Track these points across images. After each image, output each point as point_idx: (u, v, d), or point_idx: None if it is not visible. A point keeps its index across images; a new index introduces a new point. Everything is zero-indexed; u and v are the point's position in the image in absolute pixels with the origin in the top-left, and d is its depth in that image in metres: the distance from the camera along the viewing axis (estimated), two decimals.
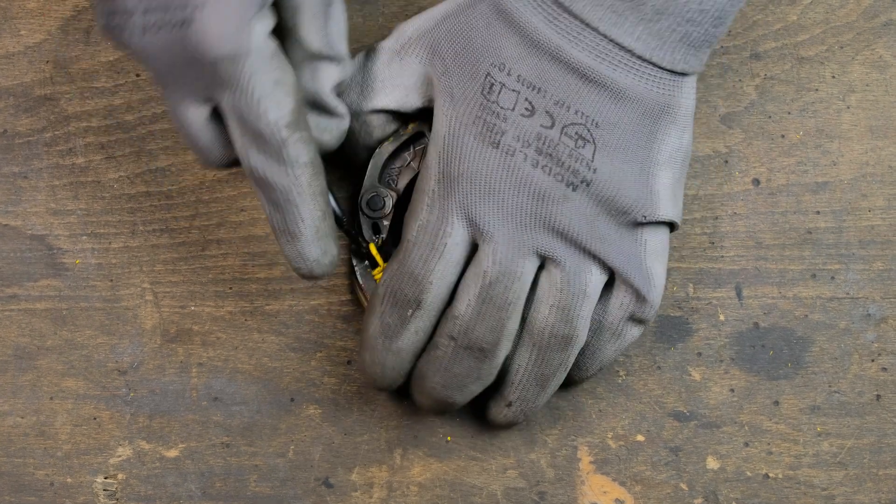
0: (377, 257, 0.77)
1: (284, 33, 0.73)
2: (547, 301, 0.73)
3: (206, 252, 0.81)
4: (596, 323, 0.75)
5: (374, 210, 0.77)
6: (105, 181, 0.81)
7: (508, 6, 0.73)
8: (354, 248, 0.78)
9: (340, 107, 0.74)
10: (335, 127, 0.74)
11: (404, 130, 0.78)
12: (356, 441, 0.80)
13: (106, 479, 0.80)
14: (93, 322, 0.81)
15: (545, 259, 0.73)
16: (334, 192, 0.76)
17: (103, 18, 0.70)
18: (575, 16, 0.72)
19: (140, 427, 0.80)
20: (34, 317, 0.81)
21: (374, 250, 0.77)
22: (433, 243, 0.73)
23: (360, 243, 0.77)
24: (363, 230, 0.78)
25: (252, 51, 0.68)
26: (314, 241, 0.72)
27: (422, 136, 0.78)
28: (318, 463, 0.80)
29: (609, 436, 0.80)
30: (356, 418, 0.80)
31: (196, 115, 0.71)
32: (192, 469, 0.80)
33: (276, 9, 0.71)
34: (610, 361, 0.77)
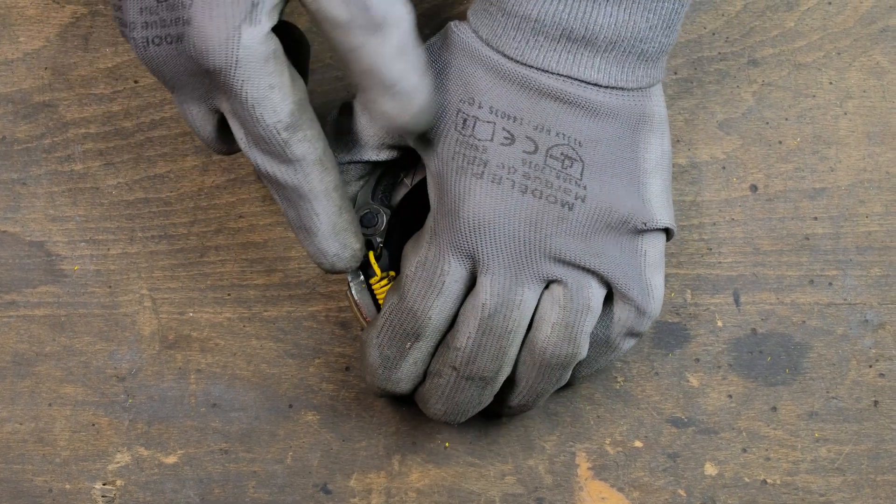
0: (374, 266, 0.77)
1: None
2: (549, 319, 0.73)
3: (205, 258, 0.81)
4: (593, 336, 0.74)
5: (367, 227, 0.77)
6: (103, 188, 0.81)
7: (471, 45, 0.73)
8: None
9: (404, 80, 0.69)
10: (402, 108, 0.70)
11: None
12: (354, 447, 0.80)
13: (104, 485, 0.80)
14: (91, 328, 0.81)
15: (547, 280, 0.73)
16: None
17: (119, 28, 0.71)
18: (530, 66, 0.72)
19: (138, 433, 0.80)
20: (33, 323, 0.81)
21: (371, 259, 0.77)
22: (431, 280, 0.73)
23: None
24: None
25: (240, 60, 0.68)
26: (331, 236, 0.72)
27: (414, 153, 0.77)
28: (316, 469, 0.80)
29: (607, 442, 0.80)
30: (354, 424, 0.80)
31: (202, 115, 0.72)
32: (190, 475, 0.80)
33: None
34: (603, 368, 0.77)
